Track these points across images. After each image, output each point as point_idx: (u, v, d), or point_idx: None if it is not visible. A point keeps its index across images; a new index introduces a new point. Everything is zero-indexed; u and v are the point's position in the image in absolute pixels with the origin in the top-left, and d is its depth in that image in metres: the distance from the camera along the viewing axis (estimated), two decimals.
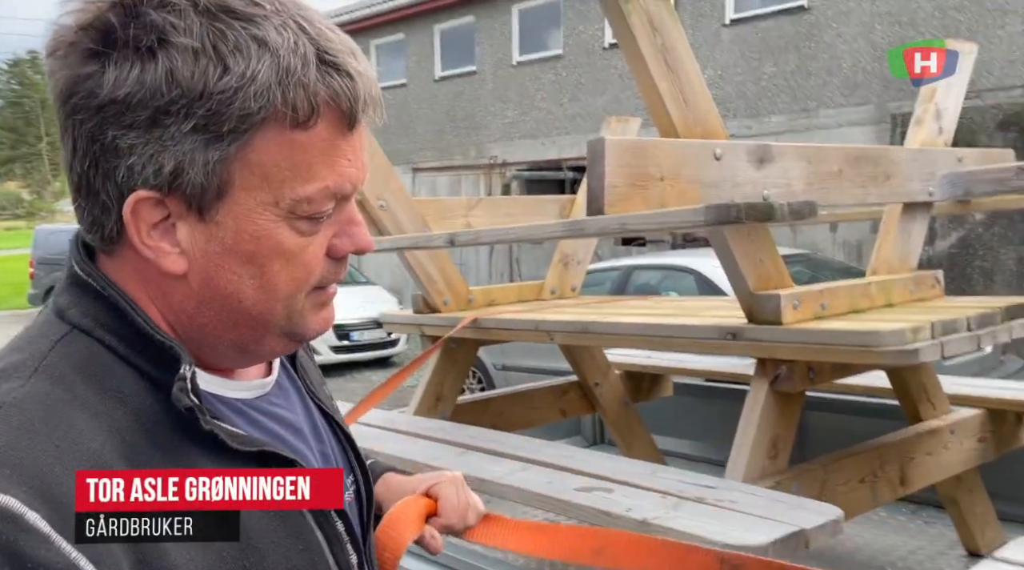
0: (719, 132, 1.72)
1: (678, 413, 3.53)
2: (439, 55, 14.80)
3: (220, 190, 0.65)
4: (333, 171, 0.67)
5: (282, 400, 0.80)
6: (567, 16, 12.84)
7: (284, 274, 0.68)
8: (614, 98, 12.32)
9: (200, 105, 0.62)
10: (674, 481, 1.61)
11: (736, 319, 1.85)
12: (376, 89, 0.70)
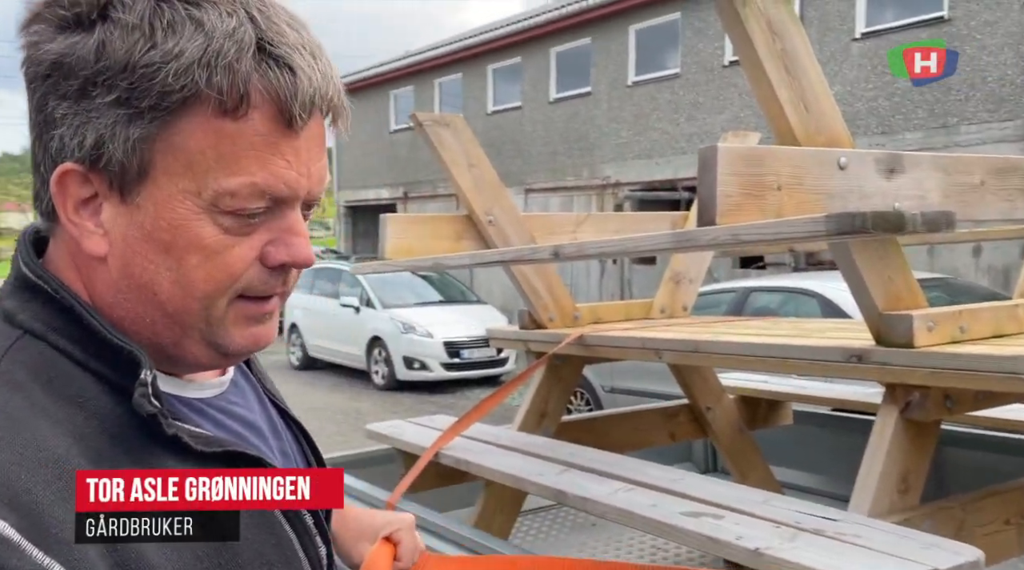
0: (844, 140, 1.62)
1: (798, 443, 3.33)
2: (554, 77, 14.92)
3: (141, 171, 0.63)
4: (264, 168, 0.64)
5: (239, 399, 0.79)
6: (685, 35, 12.66)
7: (201, 271, 0.65)
8: (734, 116, 12.01)
9: (123, 78, 0.61)
10: (790, 511, 1.51)
11: (862, 341, 1.72)
12: (332, 93, 0.66)
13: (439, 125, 2.50)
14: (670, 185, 12.70)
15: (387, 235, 2.38)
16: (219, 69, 0.61)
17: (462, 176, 2.52)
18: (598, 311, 2.85)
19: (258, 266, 0.66)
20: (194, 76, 0.61)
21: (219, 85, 0.61)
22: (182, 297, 0.66)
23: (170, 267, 0.65)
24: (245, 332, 0.69)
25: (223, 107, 0.62)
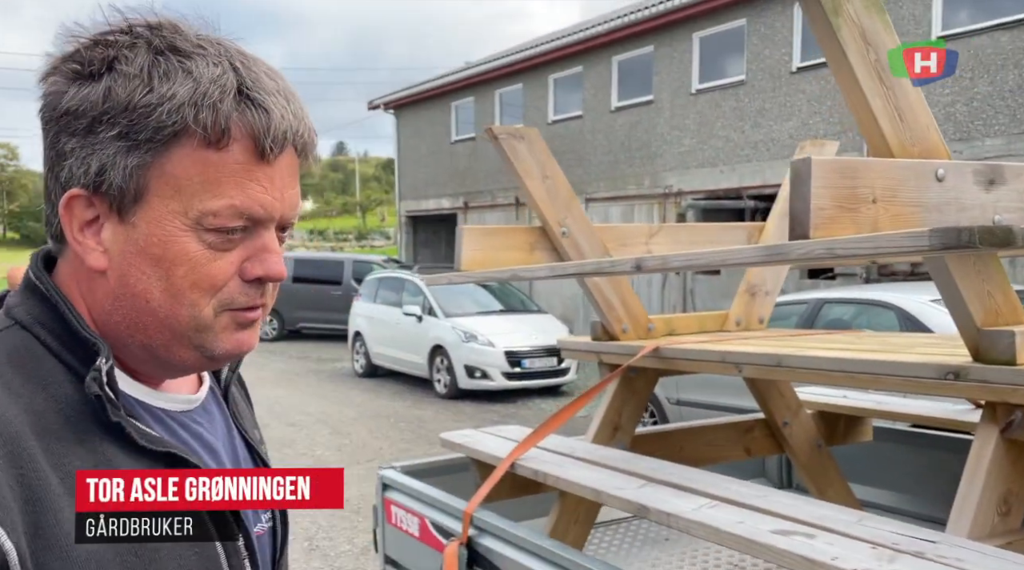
0: (941, 151, 1.57)
1: (878, 460, 3.23)
2: (616, 86, 14.87)
3: (137, 195, 0.74)
4: (242, 192, 0.74)
5: (204, 421, 0.86)
6: (751, 41, 12.47)
7: (187, 280, 0.75)
8: (801, 123, 11.77)
9: (124, 116, 0.72)
10: (886, 532, 1.46)
11: (958, 357, 1.67)
12: (303, 131, 0.78)
13: (514, 138, 2.52)
14: (735, 193, 12.50)
15: (463, 247, 2.41)
16: (204, 108, 0.72)
17: (536, 188, 2.53)
18: (672, 323, 2.82)
19: (237, 280, 0.77)
20: (184, 114, 0.72)
21: (204, 121, 0.73)
22: (171, 304, 0.75)
23: (160, 277, 0.75)
24: (232, 337, 0.79)
25: (207, 140, 0.73)
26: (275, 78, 0.78)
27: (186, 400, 0.85)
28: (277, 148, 0.76)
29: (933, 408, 3.00)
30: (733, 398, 5.71)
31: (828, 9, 1.46)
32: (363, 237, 59.70)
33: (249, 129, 0.74)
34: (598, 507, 2.63)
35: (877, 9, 1.51)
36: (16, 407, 0.69)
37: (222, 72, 0.75)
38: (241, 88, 0.75)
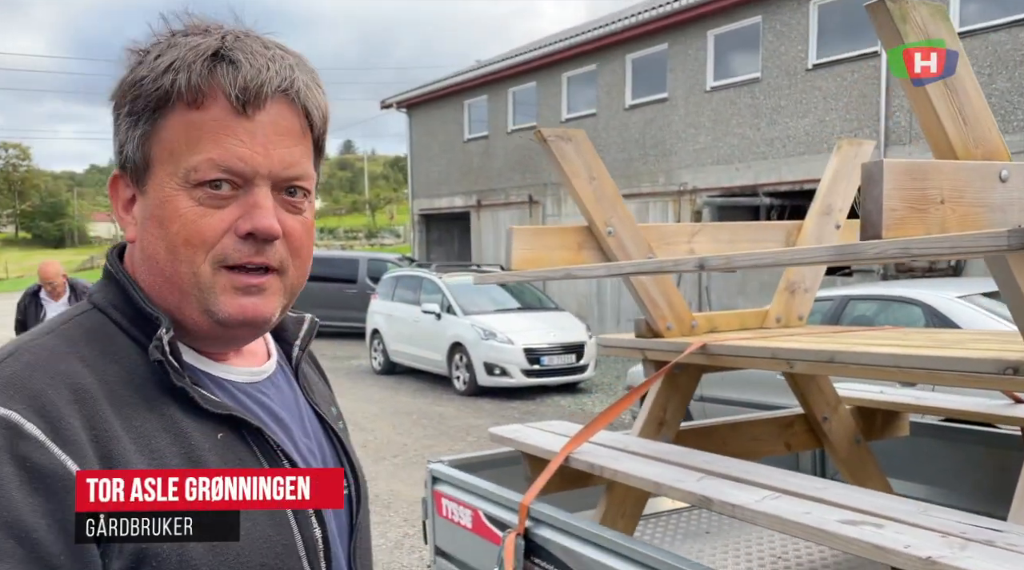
0: (1002, 153, 1.61)
1: (915, 455, 3.27)
2: (630, 83, 14.89)
3: (146, 165, 0.82)
4: (219, 146, 0.79)
5: (271, 392, 0.91)
6: (766, 38, 12.47)
7: (180, 236, 0.80)
8: (818, 120, 11.77)
9: (130, 93, 0.81)
10: (952, 522, 1.51)
11: (1015, 352, 1.71)
12: (288, 86, 0.81)
13: (562, 140, 2.57)
14: (751, 190, 12.51)
15: (514, 247, 2.46)
16: (181, 71, 0.79)
17: (583, 188, 2.58)
18: (714, 320, 2.87)
19: (232, 237, 0.80)
20: (164, 79, 0.79)
21: (180, 83, 0.79)
22: (171, 261, 0.81)
23: (161, 237, 0.81)
24: (233, 301, 0.82)
25: (188, 101, 0.80)
26: (269, 45, 0.83)
27: (250, 373, 0.91)
28: (251, 101, 0.79)
29: (969, 403, 3.03)
30: (754, 394, 5.76)
31: (896, 16, 1.50)
32: (373, 235, 59.83)
33: (221, 85, 0.79)
34: (645, 501, 2.68)
35: (942, 16, 1.56)
36: (92, 377, 0.77)
37: (204, 40, 0.81)
38: (217, 51, 0.80)
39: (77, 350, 0.79)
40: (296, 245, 0.85)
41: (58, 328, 0.83)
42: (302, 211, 0.86)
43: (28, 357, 0.77)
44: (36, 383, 0.73)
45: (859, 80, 11.29)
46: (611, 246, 2.56)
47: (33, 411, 0.71)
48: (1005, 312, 4.99)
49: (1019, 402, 2.86)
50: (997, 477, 3.04)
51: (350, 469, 0.98)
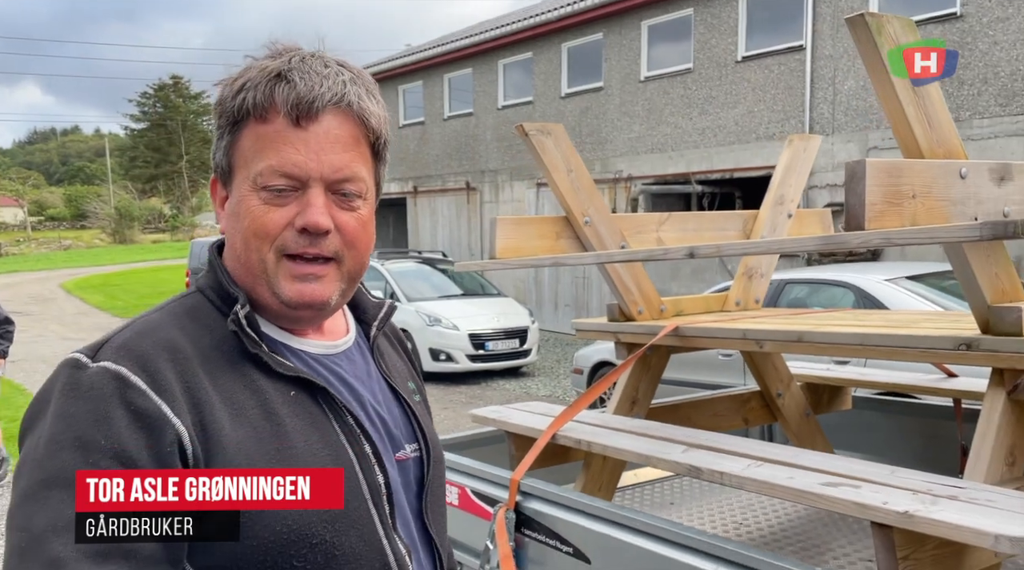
0: (960, 153, 1.81)
1: (857, 426, 3.54)
2: (566, 72, 15.06)
3: (231, 170, 0.97)
4: (278, 154, 0.93)
5: (344, 363, 1.04)
6: (698, 30, 12.82)
7: (251, 229, 0.94)
8: (747, 111, 12.19)
9: (217, 110, 0.97)
10: (919, 481, 1.70)
11: (967, 331, 1.92)
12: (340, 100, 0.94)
13: (542, 134, 2.68)
14: (684, 178, 12.89)
15: (497, 236, 2.57)
16: (250, 90, 0.94)
17: (562, 180, 2.70)
18: (680, 304, 3.05)
19: (291, 229, 0.94)
20: (239, 99, 0.94)
21: (249, 101, 0.94)
22: (244, 249, 0.96)
23: (237, 229, 0.96)
24: (292, 287, 0.95)
25: (256, 116, 0.94)
26: (330, 64, 0.96)
27: (325, 346, 1.04)
28: (306, 114, 0.93)
29: (907, 377, 3.31)
30: (689, 374, 6.02)
31: (873, 30, 1.67)
32: None
33: (281, 101, 0.92)
34: (620, 474, 2.85)
35: (911, 29, 1.74)
36: (187, 343, 0.92)
37: (272, 63, 0.95)
38: (280, 72, 0.94)
39: (178, 322, 0.95)
40: (350, 238, 0.98)
41: (167, 306, 0.99)
42: (355, 209, 0.98)
43: (138, 326, 0.93)
44: (142, 346, 0.89)
45: (785, 73, 11.76)
46: (588, 235, 2.69)
47: (139, 367, 0.86)
48: (927, 293, 5.37)
49: (951, 376, 3.14)
50: (931, 444, 3.33)
51: (421, 433, 1.09)
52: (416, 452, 1.07)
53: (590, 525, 2.09)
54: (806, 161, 3.28)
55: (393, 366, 1.14)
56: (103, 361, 0.86)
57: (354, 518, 0.91)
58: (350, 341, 1.08)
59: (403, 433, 1.07)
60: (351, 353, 1.07)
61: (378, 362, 1.10)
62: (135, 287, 23.57)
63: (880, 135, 10.57)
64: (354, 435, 0.97)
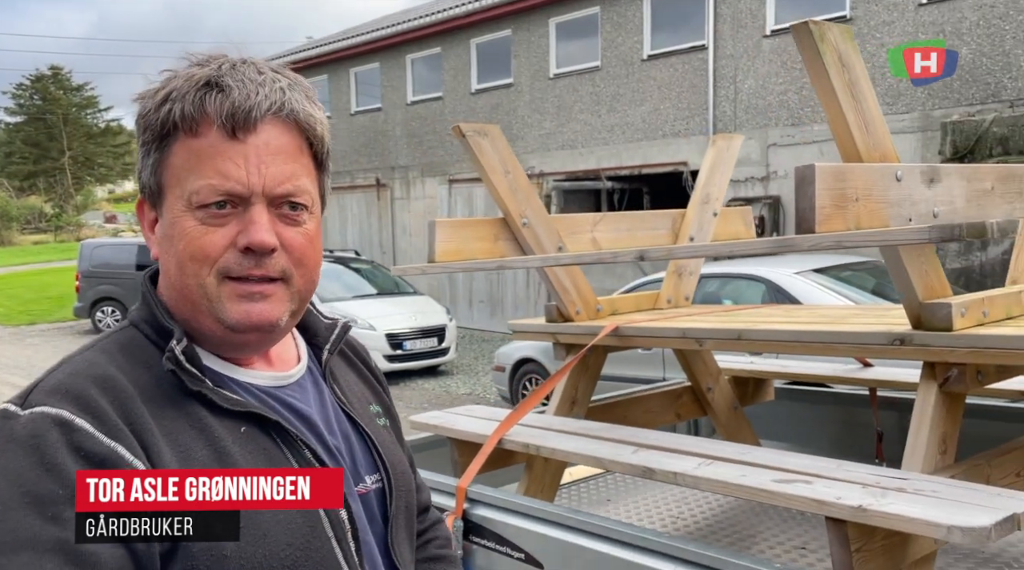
0: (893, 156, 1.89)
1: (778, 416, 3.67)
2: (475, 68, 15.03)
3: (160, 190, 0.90)
4: (217, 171, 0.86)
5: (297, 394, 0.98)
6: (605, 28, 13.03)
7: (186, 253, 0.88)
8: (653, 109, 12.48)
9: (140, 125, 0.90)
10: (864, 474, 1.77)
11: (899, 326, 2.01)
12: (275, 110, 0.88)
13: (479, 135, 2.65)
14: (594, 175, 13.09)
15: (436, 239, 2.52)
16: (177, 101, 0.87)
17: (499, 182, 2.67)
18: (614, 303, 3.07)
19: (233, 251, 0.88)
20: (163, 110, 0.87)
21: (176, 113, 0.87)
22: (179, 274, 0.89)
23: (171, 253, 0.89)
24: (239, 308, 0.89)
25: (185, 130, 0.87)
26: (266, 72, 0.90)
27: (275, 377, 0.97)
28: (241, 125, 0.86)
29: (826, 368, 3.45)
30: (613, 369, 6.13)
31: (816, 37, 1.72)
32: None
33: (212, 113, 0.86)
34: (561, 475, 2.85)
35: (849, 37, 1.80)
36: (127, 381, 0.85)
37: (199, 71, 0.88)
38: (210, 80, 0.87)
39: (113, 360, 0.88)
40: (298, 255, 0.92)
41: (98, 344, 0.91)
42: (301, 223, 0.92)
43: (70, 367, 0.86)
44: (79, 386, 0.82)
45: (689, 72, 12.11)
46: (526, 237, 2.67)
47: (80, 408, 0.79)
48: (831, 285, 5.64)
49: (867, 366, 3.29)
50: (848, 431, 3.49)
51: (381, 463, 1.03)
52: (378, 483, 1.01)
53: (542, 530, 2.08)
54: (729, 160, 3.37)
55: (351, 391, 1.08)
56: (37, 407, 0.79)
57: (318, 559, 0.86)
58: (302, 370, 1.02)
59: (363, 464, 1.01)
60: (303, 382, 1.01)
61: (333, 388, 1.04)
62: (18, 292, 22.05)
63: (779, 133, 11.03)
64: None
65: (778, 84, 11.19)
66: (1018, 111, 8.64)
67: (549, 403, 2.89)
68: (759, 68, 11.39)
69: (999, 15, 9.25)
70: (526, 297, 13.21)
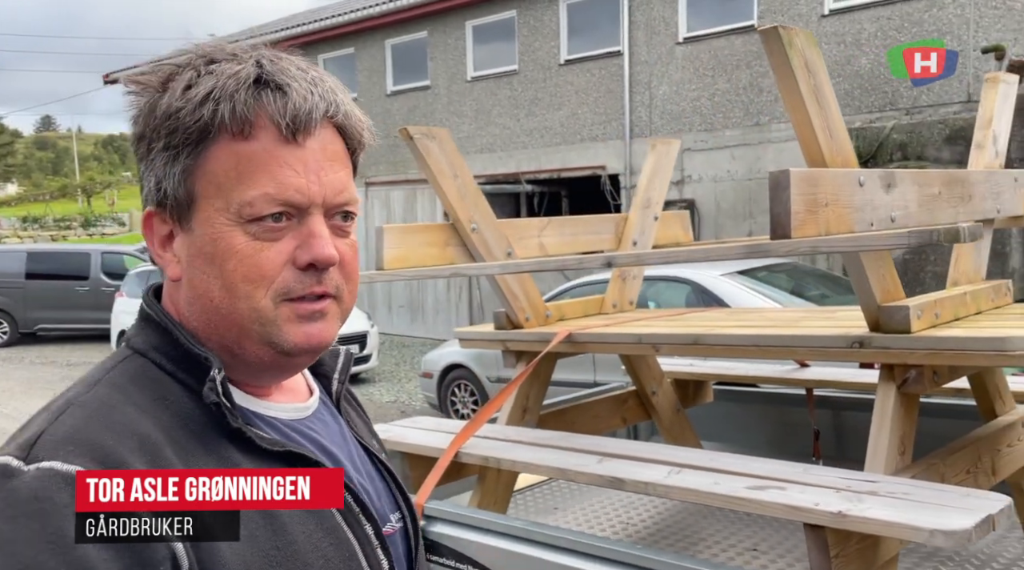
0: (854, 161, 1.91)
1: (716, 417, 3.72)
2: (391, 70, 14.82)
3: (190, 201, 0.78)
4: (273, 179, 0.77)
5: (319, 427, 0.90)
6: (522, 32, 13.08)
7: (238, 273, 0.77)
8: (571, 113, 12.59)
9: (166, 126, 0.77)
10: (835, 478, 1.78)
11: (856, 329, 2.04)
12: (332, 112, 0.80)
13: (427, 138, 2.55)
14: (513, 178, 13.10)
15: (385, 246, 2.41)
16: (223, 100, 0.76)
17: (448, 186, 2.59)
18: (562, 309, 3.03)
19: (292, 269, 0.78)
20: (206, 109, 0.76)
21: (224, 113, 0.76)
22: (230, 298, 0.78)
23: (216, 275, 0.78)
24: (298, 330, 0.79)
25: (233, 132, 0.77)
26: (305, 68, 0.81)
27: (295, 409, 0.88)
28: (302, 128, 0.77)
29: (765, 369, 3.52)
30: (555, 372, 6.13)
31: (785, 42, 1.72)
32: (91, 224, 53.52)
33: (270, 113, 0.76)
34: (513, 485, 2.78)
35: (813, 43, 1.80)
36: (148, 422, 0.73)
37: (242, 67, 0.78)
38: (260, 77, 0.78)
39: (129, 397, 0.76)
40: (349, 270, 0.84)
41: (104, 377, 0.78)
42: (350, 235, 0.84)
43: (82, 411, 0.73)
44: (96, 435, 0.70)
45: (606, 77, 12.28)
46: (475, 242, 2.59)
47: (97, 464, 0.68)
48: (754, 286, 5.79)
49: (805, 366, 3.37)
50: (786, 430, 3.56)
51: (403, 501, 0.96)
52: (400, 522, 0.94)
53: (505, 545, 2.01)
54: (668, 165, 3.39)
55: (360, 426, 1.00)
56: (45, 461, 0.67)
57: None
58: (316, 401, 0.93)
59: (386, 502, 0.93)
60: (321, 414, 0.92)
61: (348, 422, 0.97)
62: None
63: (693, 138, 11.32)
64: (352, 515, 0.82)
65: (691, 90, 11.49)
66: (915, 119, 9.15)
67: (500, 411, 2.82)
68: (673, 74, 11.66)
69: (895, 27, 9.78)
70: (447, 301, 13.10)
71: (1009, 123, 2.58)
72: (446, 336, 11.35)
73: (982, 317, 2.14)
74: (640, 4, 11.83)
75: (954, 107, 9.22)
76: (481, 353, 6.46)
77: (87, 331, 14.63)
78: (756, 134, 10.92)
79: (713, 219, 11.04)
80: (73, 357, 13.20)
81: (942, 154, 7.92)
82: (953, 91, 9.34)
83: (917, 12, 9.58)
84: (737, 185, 10.98)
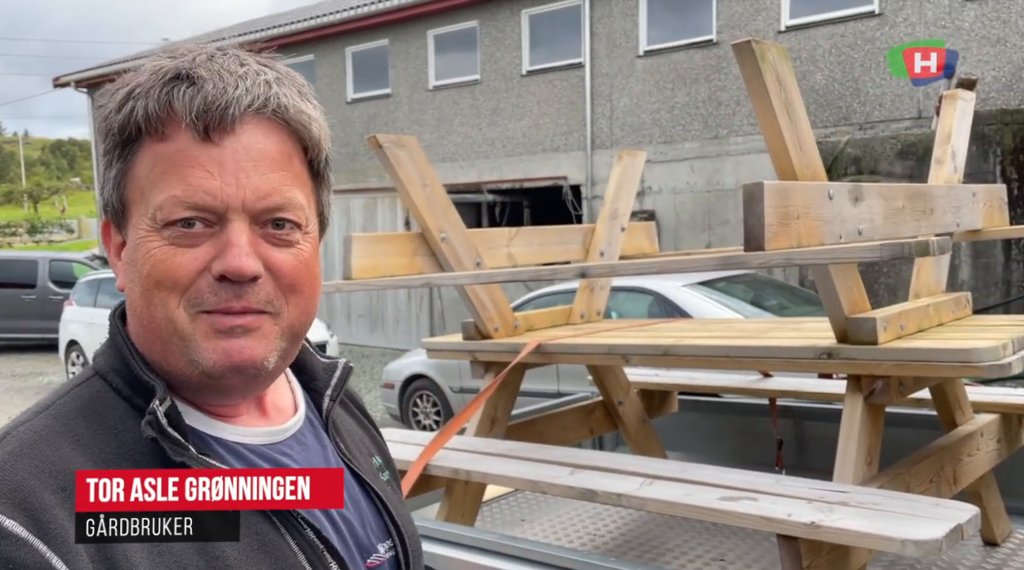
0: (822, 174, 1.94)
1: (681, 427, 3.74)
2: (351, 77, 14.71)
3: (124, 208, 0.75)
4: (183, 181, 0.71)
5: (296, 452, 0.83)
6: (484, 42, 13.10)
7: (152, 279, 0.72)
8: (533, 123, 12.64)
9: (104, 131, 0.75)
10: (806, 488, 1.79)
11: (825, 340, 2.06)
12: (259, 106, 0.72)
13: (396, 146, 2.53)
14: (475, 187, 13.09)
15: (353, 254, 2.37)
16: (139, 98, 0.72)
17: (417, 195, 2.56)
18: (530, 319, 3.02)
19: (208, 279, 0.72)
20: (125, 110, 0.73)
21: (139, 113, 0.72)
22: (148, 306, 0.73)
23: (136, 281, 0.74)
24: (216, 346, 0.73)
25: (151, 132, 0.73)
26: (247, 63, 0.75)
27: (267, 433, 0.82)
28: (215, 125, 0.71)
29: (729, 379, 3.55)
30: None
31: (758, 56, 1.73)
32: (37, 231, 52.02)
33: (183, 109, 0.71)
34: (481, 498, 2.75)
35: (785, 56, 1.83)
36: (85, 458, 0.69)
37: (167, 63, 0.73)
38: (179, 73, 0.72)
39: (71, 428, 0.72)
40: (288, 281, 0.76)
41: (55, 403, 0.74)
42: (294, 244, 0.76)
43: (13, 444, 0.69)
44: (18, 474, 0.66)
45: (567, 88, 12.36)
46: (444, 252, 2.57)
47: (14, 505, 0.64)
48: (715, 296, 5.86)
49: (767, 376, 3.41)
50: (748, 440, 3.60)
51: (394, 526, 0.90)
52: (391, 551, 0.88)
53: (475, 559, 1.98)
54: (634, 176, 3.40)
55: (353, 442, 0.93)
56: None
57: None
58: (299, 421, 0.86)
59: (374, 531, 0.88)
60: (303, 436, 0.85)
61: (336, 441, 0.89)
62: None
63: (653, 150, 11.44)
64: (316, 552, 0.77)
65: (651, 103, 11.62)
66: (868, 134, 9.39)
67: (468, 423, 2.79)
68: (633, 87, 11.79)
69: (848, 44, 10.04)
70: (407, 311, 13.00)
71: (967, 139, 2.65)
72: (406, 346, 11.27)
73: (944, 329, 2.18)
74: (601, 17, 11.95)
75: (905, 123, 9.49)
76: (444, 363, 6.41)
77: (34, 341, 14.19)
78: (715, 147, 11.09)
79: (673, 230, 11.16)
80: (19, 368, 12.78)
81: (894, 168, 8.13)
82: (904, 107, 9.62)
83: (870, 30, 9.85)
84: (696, 197, 11.13)
